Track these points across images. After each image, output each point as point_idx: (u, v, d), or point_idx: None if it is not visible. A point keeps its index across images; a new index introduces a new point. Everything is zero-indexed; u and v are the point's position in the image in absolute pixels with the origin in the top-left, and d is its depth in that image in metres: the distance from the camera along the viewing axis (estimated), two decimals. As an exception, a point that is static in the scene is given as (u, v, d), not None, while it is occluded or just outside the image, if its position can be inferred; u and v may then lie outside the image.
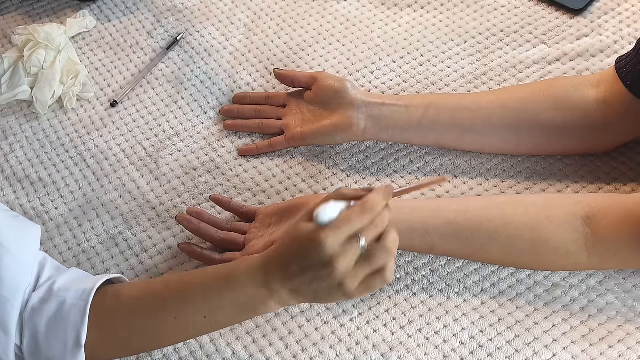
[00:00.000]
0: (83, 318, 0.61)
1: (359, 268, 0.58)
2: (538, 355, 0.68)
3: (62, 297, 0.62)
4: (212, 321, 0.62)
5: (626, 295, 0.72)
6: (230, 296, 0.61)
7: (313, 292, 0.60)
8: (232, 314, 0.62)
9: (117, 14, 1.05)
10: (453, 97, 0.84)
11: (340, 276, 0.58)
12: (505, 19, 0.99)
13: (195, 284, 0.63)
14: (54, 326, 0.61)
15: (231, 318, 0.63)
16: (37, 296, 0.62)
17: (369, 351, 0.70)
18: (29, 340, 0.61)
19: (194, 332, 0.64)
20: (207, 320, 0.62)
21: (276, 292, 0.60)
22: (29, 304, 0.62)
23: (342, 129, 0.83)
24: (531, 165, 0.82)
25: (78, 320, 0.61)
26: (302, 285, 0.59)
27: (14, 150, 0.90)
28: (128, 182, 0.86)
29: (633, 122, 0.78)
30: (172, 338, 0.65)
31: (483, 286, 0.73)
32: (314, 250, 0.57)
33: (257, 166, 0.86)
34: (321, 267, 0.57)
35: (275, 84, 0.94)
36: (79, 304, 0.61)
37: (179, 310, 0.62)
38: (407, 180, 0.83)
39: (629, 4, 0.98)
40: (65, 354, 0.61)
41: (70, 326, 0.61)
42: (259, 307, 0.62)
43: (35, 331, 0.61)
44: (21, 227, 0.67)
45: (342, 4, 1.03)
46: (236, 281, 0.61)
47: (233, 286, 0.61)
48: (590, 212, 0.69)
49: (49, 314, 0.61)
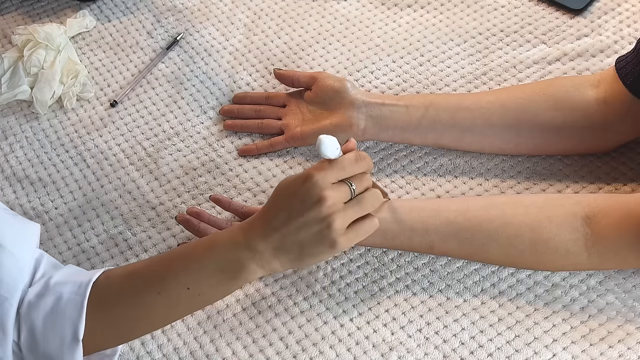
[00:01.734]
0: (80, 312, 0.60)
1: (349, 208, 0.59)
2: (538, 355, 0.68)
3: (58, 292, 0.61)
4: (196, 293, 0.61)
5: (626, 295, 0.72)
6: (210, 262, 0.60)
7: (299, 244, 0.59)
8: (215, 283, 0.61)
9: (117, 14, 1.05)
10: (453, 97, 0.84)
11: (330, 211, 0.57)
12: (505, 19, 0.99)
13: (177, 256, 0.62)
14: (51, 321, 0.61)
15: (214, 288, 0.62)
16: (33, 291, 0.62)
17: (369, 351, 0.70)
18: (26, 336, 0.61)
19: (182, 308, 0.63)
20: (191, 292, 0.61)
21: (258, 252, 0.59)
22: (25, 299, 0.61)
23: (342, 129, 0.83)
24: (531, 165, 0.82)
25: (75, 314, 0.60)
26: (287, 237, 0.58)
27: (14, 150, 0.90)
28: (128, 182, 0.86)
29: (633, 122, 0.78)
30: (161, 316, 0.64)
31: (483, 286, 0.73)
32: (305, 187, 0.57)
33: (257, 166, 0.86)
34: (310, 207, 0.57)
35: (275, 84, 0.94)
36: (76, 299, 0.61)
37: (162, 284, 0.61)
38: (407, 180, 0.83)
39: (629, 4, 0.98)
40: (63, 348, 0.61)
41: (67, 321, 0.60)
42: (240, 272, 0.60)
43: (33, 327, 0.61)
44: (19, 224, 0.67)
45: (342, 4, 1.03)
46: (216, 245, 0.60)
47: (213, 251, 0.60)
48: (590, 212, 0.69)
49: (45, 309, 0.61)
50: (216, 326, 0.73)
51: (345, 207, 0.60)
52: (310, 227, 0.58)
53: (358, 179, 0.62)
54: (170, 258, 0.63)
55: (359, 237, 0.61)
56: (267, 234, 0.59)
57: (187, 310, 0.65)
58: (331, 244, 0.59)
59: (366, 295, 0.74)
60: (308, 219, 0.58)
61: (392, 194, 0.82)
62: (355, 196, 0.61)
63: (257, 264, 0.60)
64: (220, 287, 0.63)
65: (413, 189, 0.82)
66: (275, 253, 0.59)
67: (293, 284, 0.75)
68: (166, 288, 0.61)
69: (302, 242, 0.59)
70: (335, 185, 0.60)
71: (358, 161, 0.61)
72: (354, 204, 0.60)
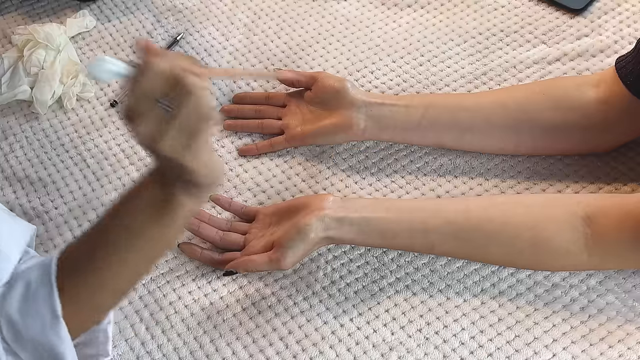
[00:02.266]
0: (51, 290, 0.60)
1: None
2: (538, 355, 0.68)
3: (27, 277, 0.61)
4: (137, 234, 0.60)
5: (626, 295, 0.72)
6: (139, 200, 0.60)
7: (177, 129, 0.55)
8: (149, 219, 0.60)
9: (117, 14, 1.05)
10: (453, 97, 0.84)
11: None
12: (505, 19, 0.99)
13: (115, 205, 0.62)
14: (26, 308, 0.60)
15: (144, 223, 0.60)
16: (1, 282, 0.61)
17: (369, 351, 0.70)
18: (7, 329, 0.61)
19: (131, 261, 0.61)
20: (126, 233, 0.60)
21: (165, 174, 0.59)
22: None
23: (342, 128, 0.83)
24: (531, 165, 0.82)
25: (47, 294, 0.60)
26: (170, 131, 0.55)
27: (13, 150, 0.90)
28: (128, 182, 0.86)
29: (633, 122, 0.78)
30: (116, 274, 0.62)
31: (483, 286, 0.73)
32: (151, 73, 0.54)
33: (257, 166, 0.86)
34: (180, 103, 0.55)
35: (275, 84, 0.94)
36: (44, 279, 0.60)
37: (106, 234, 0.61)
38: (407, 180, 0.83)
39: (629, 4, 0.98)
40: (45, 329, 0.60)
41: (41, 303, 0.60)
42: (167, 202, 0.59)
43: (10, 319, 0.60)
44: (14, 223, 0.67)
45: (342, 4, 1.03)
46: (139, 190, 0.61)
47: (139, 191, 0.60)
48: (590, 212, 0.69)
49: (17, 298, 0.60)
50: (216, 326, 0.73)
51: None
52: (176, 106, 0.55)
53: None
54: (111, 209, 0.62)
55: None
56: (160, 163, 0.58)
57: (143, 259, 0.63)
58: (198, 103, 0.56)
59: (366, 295, 0.74)
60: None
61: (392, 194, 0.82)
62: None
63: (174, 185, 0.59)
64: (147, 218, 0.61)
65: (413, 189, 0.82)
66: (167, 159, 0.57)
67: (293, 284, 0.75)
68: (110, 237, 0.61)
69: (180, 125, 0.55)
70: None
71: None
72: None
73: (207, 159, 0.59)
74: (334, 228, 0.71)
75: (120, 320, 0.74)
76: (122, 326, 0.73)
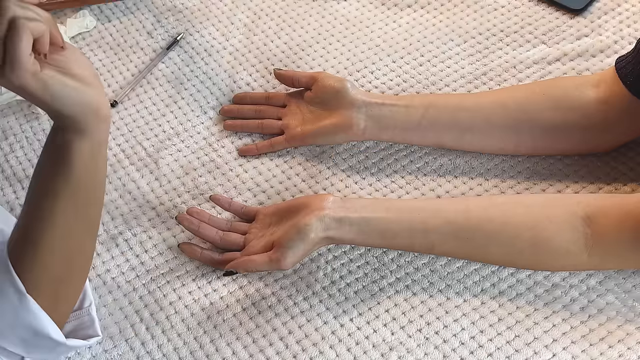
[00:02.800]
0: (8, 270, 0.60)
1: None
2: (538, 355, 0.68)
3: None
4: (46, 191, 0.60)
5: (626, 295, 0.72)
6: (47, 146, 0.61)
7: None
8: (47, 164, 0.61)
9: (117, 14, 1.05)
10: (453, 97, 0.84)
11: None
12: (505, 19, 0.99)
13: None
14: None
15: (50, 175, 0.60)
16: None
17: (369, 351, 0.70)
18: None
19: (59, 217, 0.61)
20: (40, 190, 0.60)
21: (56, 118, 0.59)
22: None
23: (342, 129, 0.83)
24: (531, 165, 0.82)
25: (6, 278, 0.60)
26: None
27: (14, 150, 0.90)
28: (128, 182, 0.86)
29: (633, 122, 0.78)
30: (54, 236, 0.61)
31: (483, 286, 0.73)
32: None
33: (257, 166, 0.86)
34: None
35: (275, 84, 0.94)
36: (0, 266, 0.61)
37: (29, 203, 0.62)
38: (407, 180, 0.83)
39: (629, 4, 0.98)
40: (17, 310, 0.60)
41: (6, 289, 0.60)
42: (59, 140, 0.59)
43: None
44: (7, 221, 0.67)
45: (342, 4, 1.03)
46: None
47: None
48: (590, 212, 0.69)
49: None
50: (216, 326, 0.73)
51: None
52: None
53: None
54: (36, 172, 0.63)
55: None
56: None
57: (72, 211, 0.62)
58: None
59: (366, 295, 0.74)
60: None
61: (392, 194, 0.82)
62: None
63: (57, 126, 0.59)
64: (59, 170, 0.61)
65: (413, 189, 0.82)
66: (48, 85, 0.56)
67: (293, 284, 0.75)
68: (32, 200, 0.61)
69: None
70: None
71: None
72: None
73: (57, 82, 0.55)
74: (334, 228, 0.71)
75: (120, 320, 0.74)
76: (122, 326, 0.73)
